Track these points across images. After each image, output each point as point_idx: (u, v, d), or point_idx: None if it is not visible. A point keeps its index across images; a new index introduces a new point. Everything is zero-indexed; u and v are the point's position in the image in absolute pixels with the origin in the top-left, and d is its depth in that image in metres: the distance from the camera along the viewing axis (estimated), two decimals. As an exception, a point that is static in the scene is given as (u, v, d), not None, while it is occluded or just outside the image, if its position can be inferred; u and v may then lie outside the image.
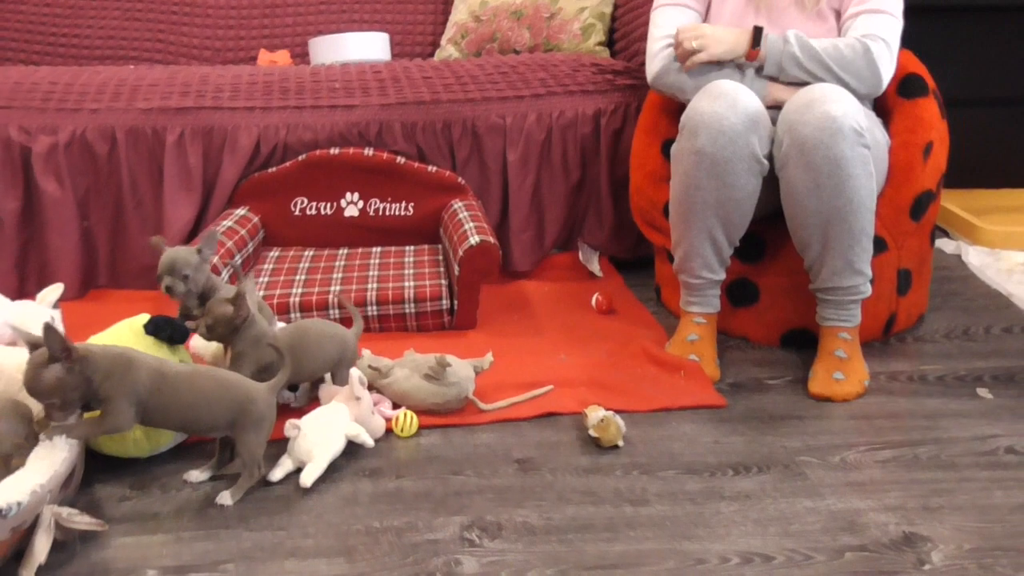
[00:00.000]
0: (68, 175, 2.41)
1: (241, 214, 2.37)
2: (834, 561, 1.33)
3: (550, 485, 1.52)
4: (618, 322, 2.22)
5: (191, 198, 2.43)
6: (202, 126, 2.42)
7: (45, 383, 1.30)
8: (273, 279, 2.22)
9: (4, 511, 1.20)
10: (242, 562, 1.32)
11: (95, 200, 2.45)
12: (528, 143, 2.46)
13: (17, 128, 2.40)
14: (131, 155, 2.42)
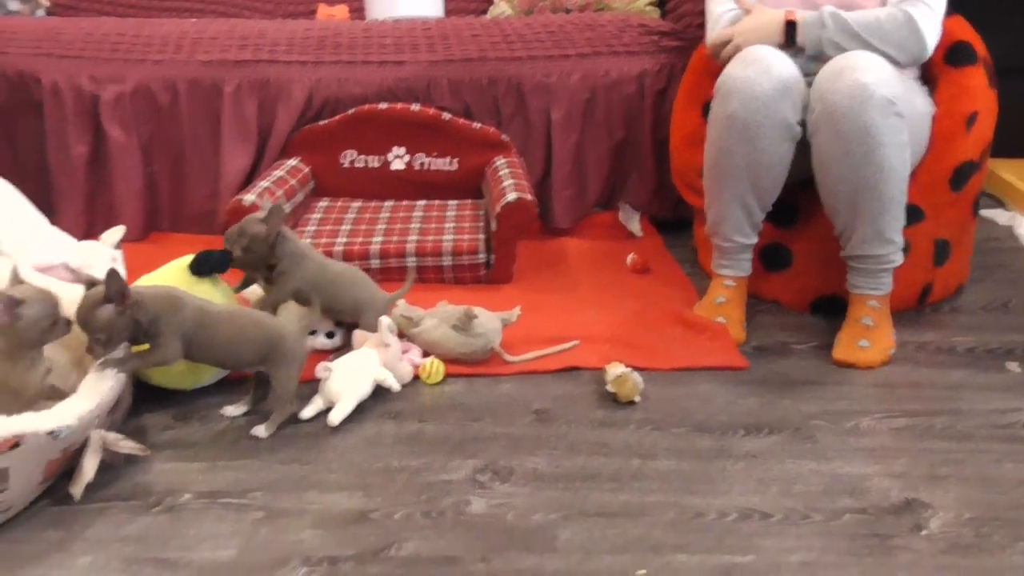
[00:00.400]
0: (133, 123, 2.52)
1: (292, 164, 2.46)
2: (831, 521, 1.37)
3: (564, 435, 1.59)
4: (651, 282, 2.26)
5: (247, 148, 2.52)
6: (258, 79, 2.50)
7: (97, 321, 1.41)
8: (320, 228, 2.31)
9: (55, 432, 1.31)
10: (268, 491, 1.42)
11: (158, 147, 2.56)
12: (572, 102, 2.50)
13: (88, 77, 2.51)
14: (191, 105, 2.52)
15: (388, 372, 1.66)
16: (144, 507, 1.38)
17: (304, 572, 1.24)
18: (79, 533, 1.32)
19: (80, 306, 1.41)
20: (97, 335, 1.42)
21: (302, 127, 2.52)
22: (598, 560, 1.27)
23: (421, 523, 1.35)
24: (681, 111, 2.32)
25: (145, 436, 1.56)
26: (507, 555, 1.28)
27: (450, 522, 1.35)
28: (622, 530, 1.34)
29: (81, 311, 1.41)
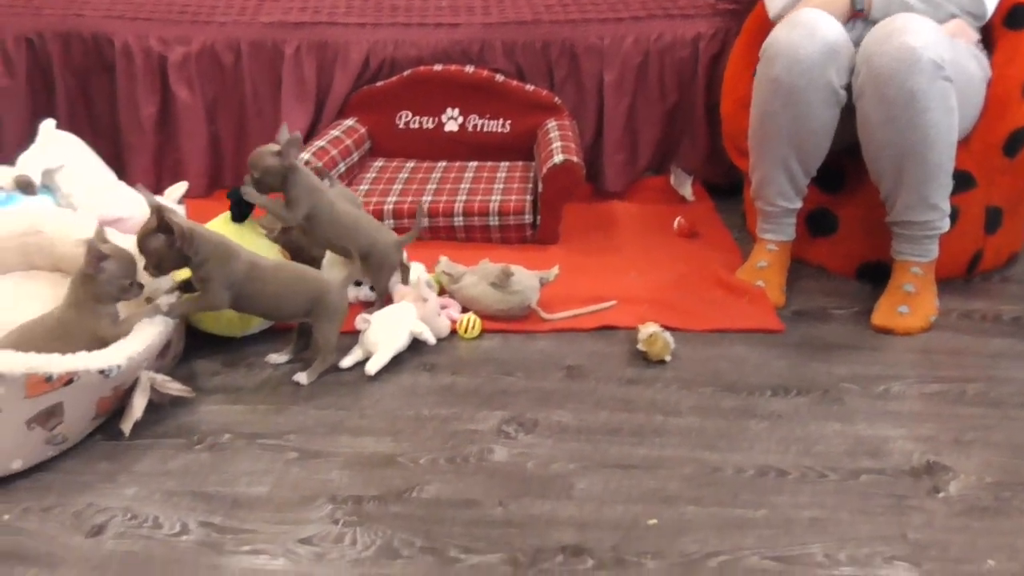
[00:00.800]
0: (198, 83, 2.61)
1: (349, 124, 2.53)
2: (847, 481, 1.39)
3: (592, 391, 1.63)
4: (697, 246, 2.28)
5: (305, 108, 2.59)
6: (317, 40, 2.57)
7: (148, 246, 1.50)
8: (373, 187, 2.37)
9: (106, 371, 1.40)
10: (303, 434, 1.49)
11: (221, 107, 2.65)
12: (625, 65, 2.51)
13: (157, 38, 2.61)
14: (253, 66, 2.60)
15: (425, 326, 1.72)
16: (188, 445, 1.46)
17: (330, 509, 1.31)
18: (127, 466, 1.41)
19: (140, 230, 1.51)
20: (148, 259, 1.51)
21: (359, 88, 2.58)
22: (611, 509, 1.32)
23: (444, 468, 1.41)
24: (733, 74, 2.31)
25: (194, 380, 1.64)
26: (524, 500, 1.33)
27: (472, 468, 1.41)
28: (638, 482, 1.38)
29: (138, 234, 1.51)
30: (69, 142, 2.26)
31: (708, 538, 1.26)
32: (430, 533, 1.26)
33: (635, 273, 2.10)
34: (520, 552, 1.23)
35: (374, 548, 1.23)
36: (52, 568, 1.19)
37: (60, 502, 1.33)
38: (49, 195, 2.16)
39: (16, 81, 2.61)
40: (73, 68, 2.62)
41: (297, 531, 1.26)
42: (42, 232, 1.74)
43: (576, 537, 1.26)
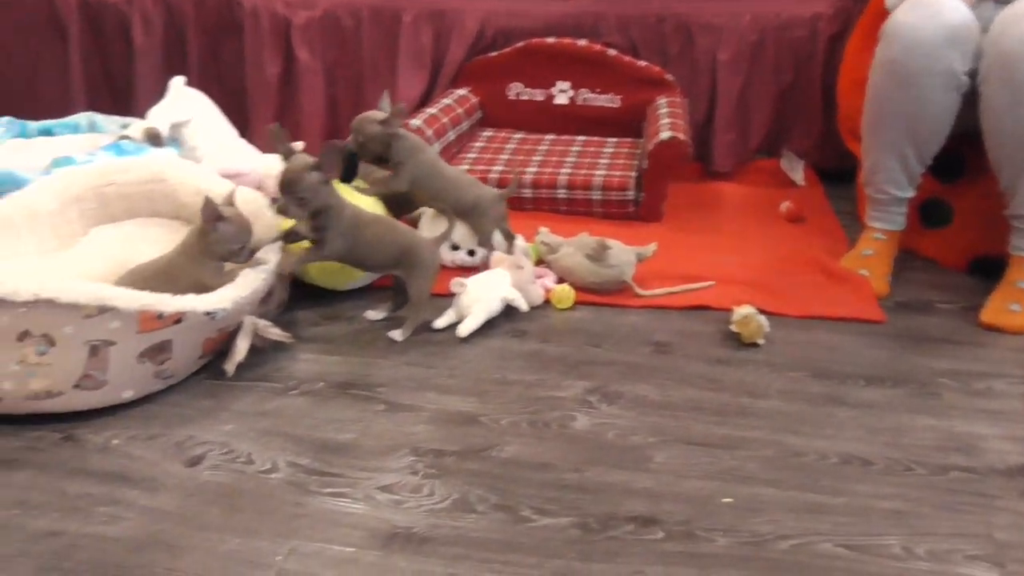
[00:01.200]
0: (320, 47, 2.69)
1: (461, 94, 2.57)
2: (934, 476, 1.36)
3: (679, 368, 1.63)
4: (803, 231, 2.24)
5: (421, 75, 2.65)
6: (435, 9, 2.61)
7: (303, 182, 1.54)
8: (480, 156, 2.41)
9: (212, 313, 1.48)
10: (392, 387, 1.54)
11: (341, 71, 2.73)
12: (740, 44, 2.48)
13: (283, 2, 2.70)
14: (372, 32, 2.67)
15: (518, 293, 1.75)
16: (284, 390, 1.53)
17: (411, 460, 1.36)
18: (227, 405, 1.49)
19: (289, 168, 1.54)
20: (300, 195, 1.54)
21: (473, 58, 2.61)
22: (686, 484, 1.32)
23: (525, 431, 1.44)
24: (853, 53, 2.25)
25: (295, 328, 1.71)
26: (599, 468, 1.35)
27: (552, 434, 1.43)
28: (716, 459, 1.38)
29: (289, 172, 1.54)
30: (196, 99, 2.36)
31: (782, 520, 1.26)
32: (505, 491, 1.29)
33: (736, 255, 2.08)
34: (591, 517, 1.25)
35: (449, 500, 1.27)
36: (152, 492, 1.27)
37: (164, 432, 1.41)
38: (175, 148, 2.27)
39: (152, 40, 2.74)
40: (205, 28, 2.74)
41: (378, 478, 1.31)
42: (166, 180, 1.83)
43: (648, 508, 1.27)
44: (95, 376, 1.40)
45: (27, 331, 1.35)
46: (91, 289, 1.37)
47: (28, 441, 1.38)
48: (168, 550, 1.16)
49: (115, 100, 2.79)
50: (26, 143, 2.24)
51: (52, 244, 1.76)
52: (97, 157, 2.02)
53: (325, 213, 1.59)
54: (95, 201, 1.82)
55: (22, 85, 2.80)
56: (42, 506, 1.24)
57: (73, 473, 1.31)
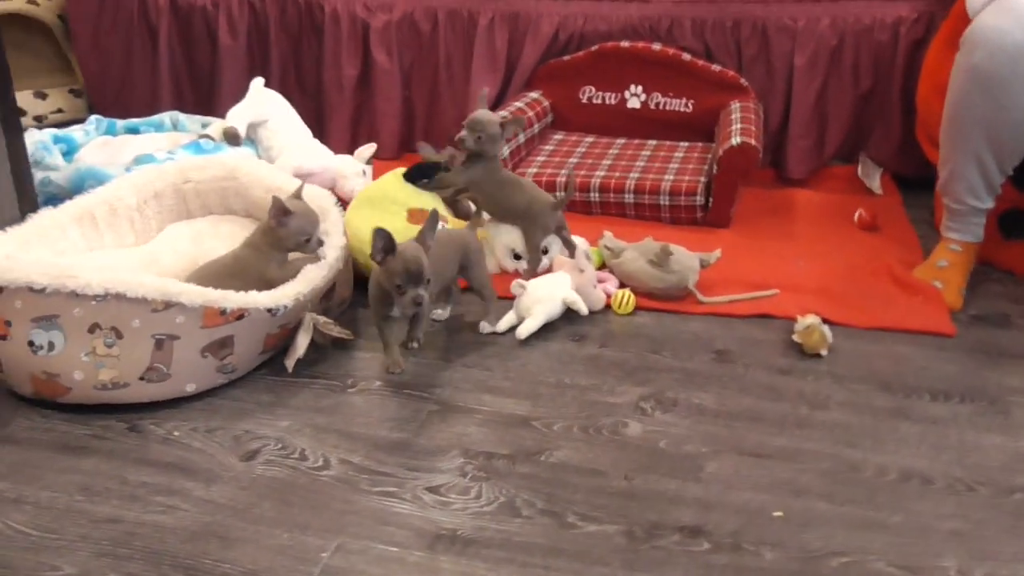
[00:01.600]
0: (396, 49, 2.73)
1: (533, 97, 2.58)
2: (997, 498, 1.32)
3: (738, 377, 1.61)
4: (877, 240, 2.18)
5: (495, 78, 2.66)
6: (510, 12, 2.63)
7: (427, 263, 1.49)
8: (549, 159, 2.42)
9: (273, 310, 1.52)
10: (448, 388, 1.56)
11: (416, 73, 2.76)
12: (818, 47, 2.43)
13: (362, 5, 2.74)
14: (448, 34, 2.69)
15: (578, 296, 1.75)
16: (341, 387, 1.56)
17: (461, 462, 1.37)
18: (285, 400, 1.52)
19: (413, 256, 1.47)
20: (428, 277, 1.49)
21: (547, 61, 2.62)
22: (737, 495, 1.31)
23: (577, 436, 1.44)
24: (935, 59, 2.18)
25: (356, 326, 1.74)
26: (650, 476, 1.34)
27: (604, 440, 1.43)
28: (770, 471, 1.36)
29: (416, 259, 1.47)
30: (274, 100, 2.43)
31: (834, 536, 1.23)
32: (552, 496, 1.29)
33: (804, 263, 2.04)
34: (638, 526, 1.24)
35: (496, 504, 1.28)
36: (208, 483, 1.31)
37: (223, 425, 1.45)
38: (252, 147, 2.33)
39: (237, 41, 2.81)
40: (287, 30, 2.80)
41: (428, 479, 1.33)
42: (238, 178, 1.88)
43: (696, 518, 1.26)
44: (160, 369, 1.44)
45: (97, 323, 1.41)
46: (158, 284, 1.42)
47: (96, 430, 1.44)
48: (219, 541, 1.20)
49: (200, 99, 2.87)
50: (112, 140, 2.33)
51: (130, 239, 1.83)
52: (177, 155, 2.09)
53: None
54: (173, 198, 1.89)
55: (117, 83, 2.91)
56: (104, 493, 1.29)
57: (135, 462, 1.36)
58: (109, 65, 2.88)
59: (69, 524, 1.23)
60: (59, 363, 1.41)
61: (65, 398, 1.44)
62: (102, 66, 2.88)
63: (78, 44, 2.87)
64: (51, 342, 1.40)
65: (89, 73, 2.90)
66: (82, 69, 2.91)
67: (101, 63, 2.87)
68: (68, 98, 2.98)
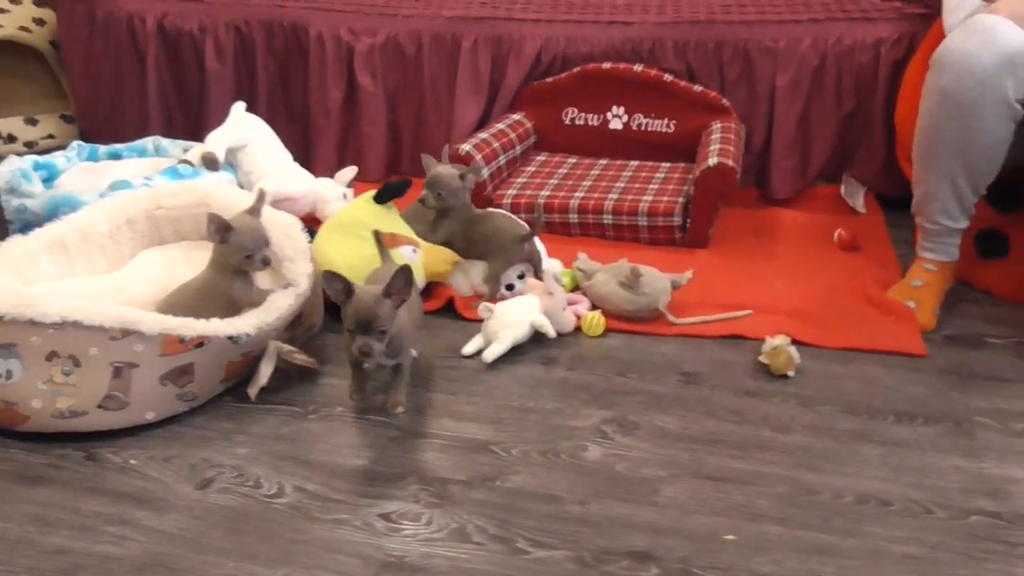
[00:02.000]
0: (381, 72, 2.74)
1: (516, 119, 2.58)
2: (954, 520, 1.31)
3: (704, 399, 1.60)
4: (856, 259, 2.17)
5: (478, 100, 2.67)
6: (493, 34, 2.64)
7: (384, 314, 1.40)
8: (530, 180, 2.42)
9: (235, 338, 1.52)
10: (410, 414, 1.56)
11: (401, 96, 2.77)
12: (800, 68, 2.42)
13: (346, 29, 2.76)
14: (433, 58, 2.70)
15: (546, 320, 1.75)
16: (303, 414, 1.56)
17: (416, 488, 1.37)
18: (246, 427, 1.53)
19: (365, 304, 1.40)
20: (383, 328, 1.41)
21: (530, 83, 2.63)
22: (691, 519, 1.30)
23: (535, 461, 1.43)
24: (913, 80, 2.17)
25: (323, 353, 1.74)
26: (605, 501, 1.34)
27: (562, 464, 1.43)
28: (726, 495, 1.35)
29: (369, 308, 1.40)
30: (254, 124, 2.44)
31: (785, 560, 1.22)
32: (504, 523, 1.29)
33: (781, 283, 2.03)
34: (588, 551, 1.24)
35: (447, 530, 1.27)
36: (160, 512, 1.32)
37: (181, 454, 1.45)
38: (231, 172, 2.35)
39: (225, 66, 2.83)
40: (274, 54, 2.82)
41: (380, 505, 1.32)
42: (210, 205, 1.89)
43: (647, 543, 1.25)
44: (118, 397, 1.45)
45: (55, 351, 1.41)
46: (116, 312, 1.43)
47: (53, 459, 1.44)
48: (167, 573, 1.20)
49: (189, 124, 2.90)
50: (94, 166, 2.34)
51: (102, 266, 1.84)
52: (154, 181, 2.10)
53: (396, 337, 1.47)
54: (145, 224, 1.90)
55: (108, 108, 2.94)
56: (56, 523, 1.29)
57: (90, 492, 1.36)
58: (99, 90, 2.91)
59: (18, 556, 1.23)
60: (17, 391, 1.42)
61: (24, 427, 1.45)
62: (92, 91, 2.91)
63: (69, 69, 2.91)
64: (9, 370, 1.41)
65: (80, 98, 2.93)
66: (73, 94, 2.95)
67: (91, 88, 2.90)
68: (59, 124, 3.01)
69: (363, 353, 1.41)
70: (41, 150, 2.78)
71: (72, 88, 2.93)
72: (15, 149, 2.84)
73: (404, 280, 1.40)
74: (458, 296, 1.94)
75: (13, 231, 1.84)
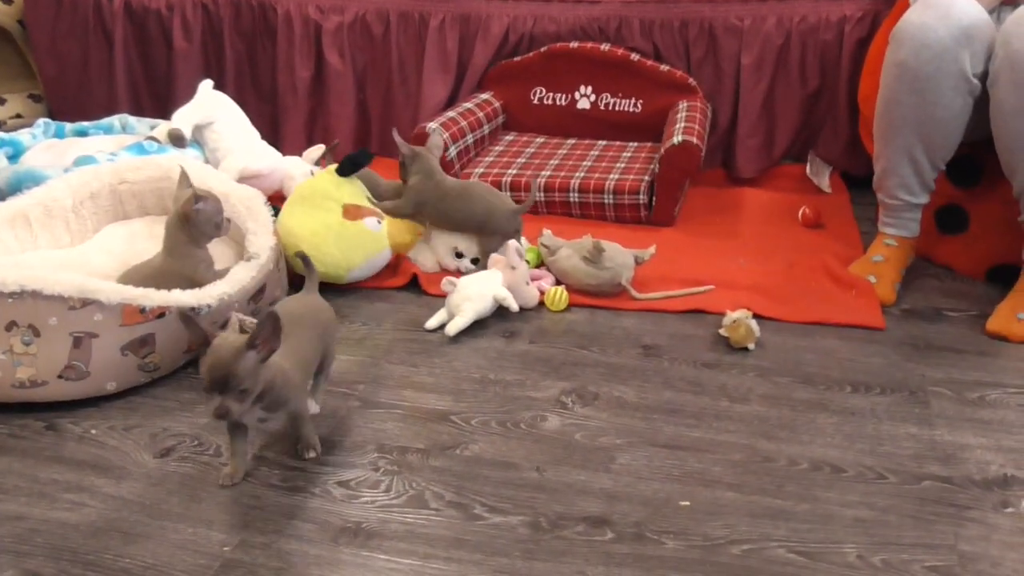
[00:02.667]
0: (349, 51, 2.74)
1: (484, 98, 2.59)
2: (906, 485, 1.33)
3: (662, 371, 1.62)
4: (819, 237, 2.20)
5: (446, 79, 2.67)
6: (461, 13, 2.64)
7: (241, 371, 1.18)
8: (497, 159, 2.43)
9: (197, 309, 1.52)
10: (372, 384, 1.57)
11: (370, 75, 2.77)
12: (765, 47, 2.44)
13: (314, 7, 2.76)
14: (400, 36, 2.70)
15: (508, 293, 1.76)
16: (265, 384, 1.56)
17: (374, 456, 1.38)
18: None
19: (219, 358, 1.18)
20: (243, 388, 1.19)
21: (498, 62, 2.63)
22: (646, 485, 1.32)
23: (494, 430, 1.44)
24: (876, 55, 2.19)
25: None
26: (561, 468, 1.35)
27: (520, 433, 1.44)
28: (681, 463, 1.37)
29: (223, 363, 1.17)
30: (222, 101, 2.43)
31: (738, 525, 1.24)
32: (461, 489, 1.30)
33: (744, 260, 2.05)
34: (543, 517, 1.25)
35: (404, 497, 1.28)
36: (118, 480, 1.32)
37: (141, 423, 1.46)
38: (197, 149, 2.34)
39: (192, 44, 2.82)
40: (241, 33, 2.81)
41: (339, 473, 1.33)
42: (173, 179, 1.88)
43: (602, 509, 1.26)
44: (79, 367, 1.45)
45: (14, 321, 1.41)
46: (75, 282, 1.42)
47: (13, 429, 1.44)
48: (122, 537, 1.20)
49: (157, 102, 2.89)
50: (58, 143, 2.33)
51: (65, 240, 1.84)
52: (119, 157, 2.09)
53: (272, 391, 1.24)
54: (109, 199, 1.90)
55: (75, 87, 2.92)
56: (13, 491, 1.29)
57: (48, 460, 1.36)
58: (66, 69, 2.89)
59: (-26, 520, 1.23)
60: (-24, 362, 1.42)
61: (-16, 397, 1.45)
62: (60, 70, 2.89)
63: (36, 49, 2.88)
64: (-32, 340, 1.41)
65: (47, 77, 2.91)
66: (40, 73, 2.92)
67: (59, 67, 2.88)
68: (27, 103, 2.99)
69: (219, 416, 1.18)
70: (9, 129, 2.76)
71: (39, 67, 2.91)
72: (-18, 128, 2.82)
73: (271, 329, 1.18)
74: (422, 272, 1.95)
75: (-25, 206, 1.82)
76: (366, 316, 1.81)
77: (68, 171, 1.98)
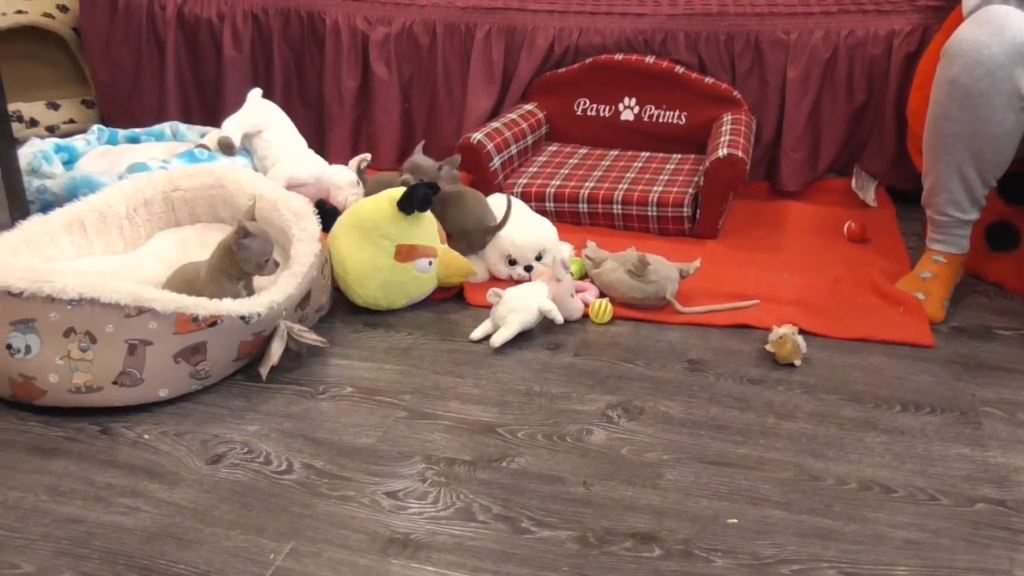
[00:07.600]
0: (395, 61, 2.76)
1: (528, 109, 2.60)
2: (959, 507, 1.31)
3: (708, 386, 1.62)
4: (865, 252, 2.18)
5: (491, 90, 2.69)
6: (507, 25, 2.65)
7: None
8: (540, 170, 2.43)
9: (247, 317, 1.55)
10: (417, 395, 1.58)
11: (415, 85, 2.79)
12: (811, 61, 2.43)
13: (362, 18, 2.78)
14: (447, 47, 2.72)
15: (553, 305, 1.76)
16: (312, 393, 1.58)
17: (422, 467, 1.38)
18: (256, 406, 1.55)
19: None
20: None
21: (542, 73, 2.64)
22: (694, 503, 1.31)
23: (540, 443, 1.45)
24: (927, 71, 2.17)
25: (332, 334, 1.77)
26: (608, 483, 1.35)
27: (567, 447, 1.44)
28: (729, 480, 1.36)
29: None
30: (270, 110, 2.46)
31: (787, 544, 1.24)
32: (508, 502, 1.31)
33: (788, 274, 2.04)
34: (591, 531, 1.25)
35: (452, 509, 1.29)
36: (171, 486, 1.34)
37: (193, 430, 1.48)
38: (246, 157, 2.37)
39: (242, 53, 2.86)
40: (290, 42, 2.84)
41: (387, 484, 1.34)
42: (225, 187, 1.92)
43: (650, 525, 1.26)
44: (133, 373, 1.47)
45: (72, 328, 1.44)
46: (131, 290, 1.45)
47: (69, 432, 1.47)
48: (176, 543, 1.22)
49: (205, 109, 2.93)
50: (112, 149, 2.38)
51: (119, 246, 1.87)
52: (170, 164, 2.13)
53: None
54: (162, 205, 1.93)
55: (127, 94, 2.97)
56: (70, 494, 1.32)
57: (103, 464, 1.39)
58: (119, 76, 2.93)
59: (32, 524, 1.25)
60: (35, 366, 1.45)
61: (41, 401, 1.48)
62: (112, 77, 2.94)
63: (90, 56, 2.94)
64: (28, 345, 1.44)
65: (100, 84, 2.96)
66: (93, 80, 2.98)
67: (112, 74, 2.93)
68: (80, 109, 3.05)
69: None
70: (62, 134, 2.82)
71: (93, 74, 2.96)
72: (37, 133, 2.87)
73: None
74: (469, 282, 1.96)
75: (34, 211, 1.87)
76: (411, 326, 1.82)
77: (122, 178, 2.02)
